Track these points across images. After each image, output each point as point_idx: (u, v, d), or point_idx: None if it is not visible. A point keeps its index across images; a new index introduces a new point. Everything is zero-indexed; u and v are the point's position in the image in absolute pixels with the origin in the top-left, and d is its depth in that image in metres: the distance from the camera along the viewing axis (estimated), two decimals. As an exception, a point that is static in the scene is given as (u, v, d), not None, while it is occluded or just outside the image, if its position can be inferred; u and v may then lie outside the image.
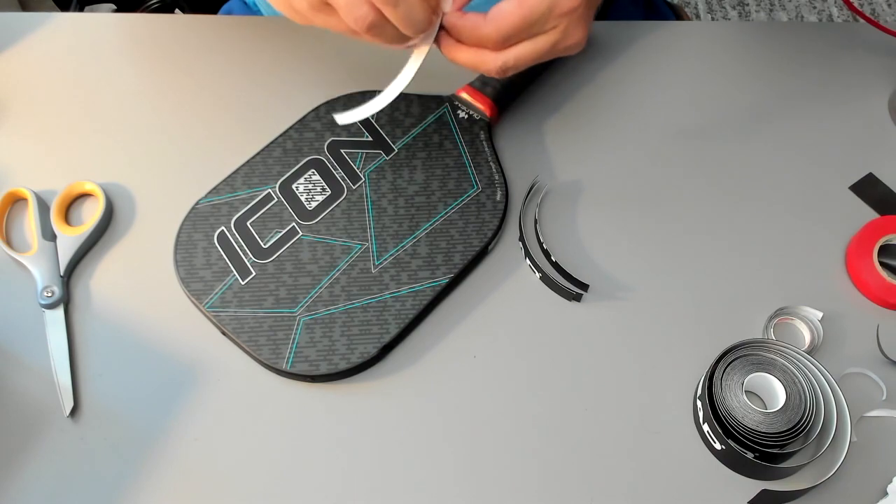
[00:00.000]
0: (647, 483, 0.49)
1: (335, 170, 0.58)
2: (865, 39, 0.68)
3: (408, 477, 0.49)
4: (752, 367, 0.50)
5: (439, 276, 0.54)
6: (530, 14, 0.48)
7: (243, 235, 0.56)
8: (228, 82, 0.65)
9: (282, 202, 0.57)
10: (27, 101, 0.63)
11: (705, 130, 0.63)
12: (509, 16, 0.47)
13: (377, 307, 0.53)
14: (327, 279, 0.54)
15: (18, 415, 0.51)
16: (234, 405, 0.51)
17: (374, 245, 0.55)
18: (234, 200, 0.57)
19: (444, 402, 0.52)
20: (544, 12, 0.48)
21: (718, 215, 0.59)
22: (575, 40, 0.50)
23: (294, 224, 0.56)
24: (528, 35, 0.49)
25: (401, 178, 0.58)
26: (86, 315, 0.54)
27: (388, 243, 0.55)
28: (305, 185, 0.58)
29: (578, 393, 0.52)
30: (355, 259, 0.55)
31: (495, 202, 0.57)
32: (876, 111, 0.65)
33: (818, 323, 0.54)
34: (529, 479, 0.49)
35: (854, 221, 0.59)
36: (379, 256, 0.55)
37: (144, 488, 0.48)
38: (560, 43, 0.50)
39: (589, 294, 0.56)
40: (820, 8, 1.77)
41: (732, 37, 0.69)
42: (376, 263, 0.55)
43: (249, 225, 0.56)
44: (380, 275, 0.54)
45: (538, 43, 0.50)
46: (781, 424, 0.48)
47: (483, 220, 0.56)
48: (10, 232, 0.58)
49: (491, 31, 0.48)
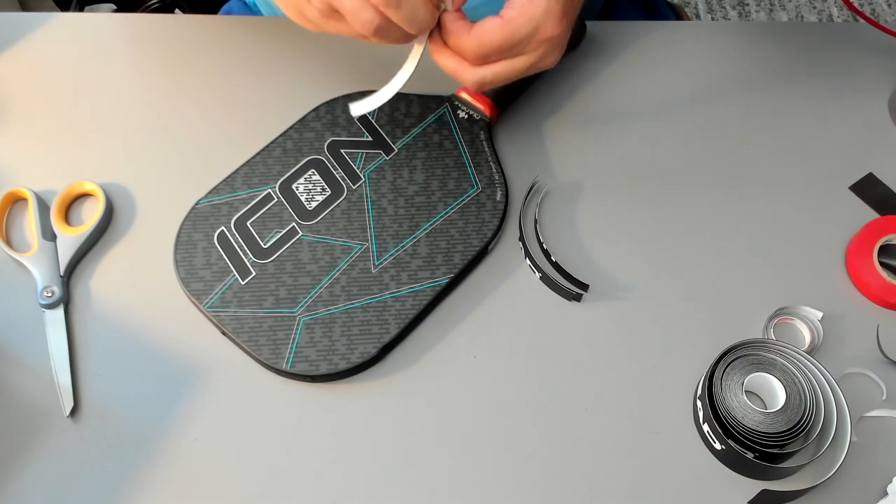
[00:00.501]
0: (647, 483, 0.49)
1: (335, 170, 0.58)
2: (865, 39, 0.68)
3: (408, 476, 0.49)
4: (752, 367, 0.50)
5: (439, 276, 0.54)
6: (512, 36, 0.48)
7: (243, 235, 0.56)
8: (228, 82, 0.65)
9: (282, 202, 0.57)
10: (27, 101, 0.63)
11: (705, 130, 0.63)
12: (492, 34, 0.48)
13: (377, 307, 0.53)
14: (327, 279, 0.54)
15: (18, 415, 0.51)
16: (233, 405, 0.51)
17: (374, 245, 0.55)
18: (234, 200, 0.57)
19: (443, 402, 0.52)
20: (527, 35, 0.48)
21: (718, 215, 0.59)
22: (550, 62, 0.51)
23: (294, 224, 0.56)
24: (508, 55, 0.49)
25: (401, 178, 0.58)
26: (86, 315, 0.54)
27: (388, 243, 0.55)
28: (305, 185, 0.58)
29: (578, 393, 0.52)
30: (355, 259, 0.55)
31: (495, 202, 0.57)
32: (876, 111, 0.65)
33: (818, 323, 0.54)
34: (529, 478, 0.49)
35: (854, 221, 0.59)
36: (379, 256, 0.55)
37: (144, 488, 0.48)
38: (537, 64, 0.50)
39: (589, 294, 0.56)
40: (820, 8, 1.77)
41: (732, 37, 0.69)
42: (376, 263, 0.55)
43: (249, 225, 0.56)
44: (380, 275, 0.54)
45: (516, 63, 0.50)
46: (781, 424, 0.48)
47: (483, 220, 0.56)
48: (10, 232, 0.58)
49: (473, 46, 0.48)
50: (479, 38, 0.48)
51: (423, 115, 0.61)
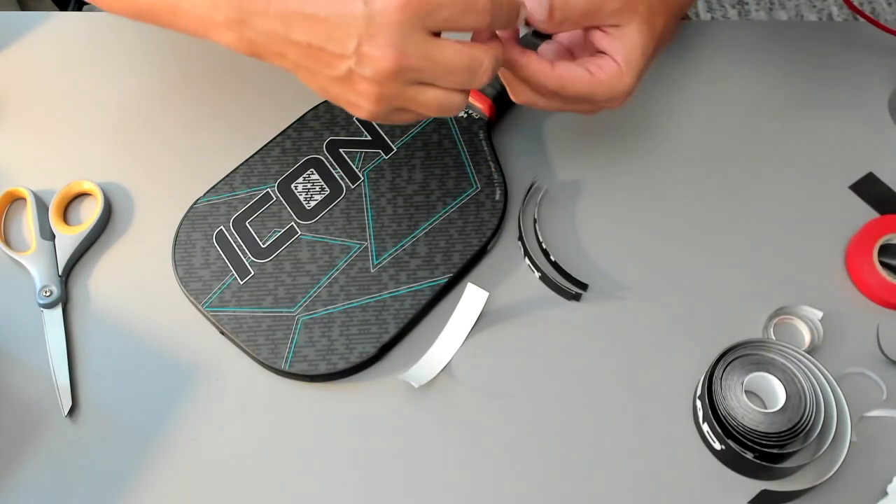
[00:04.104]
0: (647, 483, 0.49)
1: (334, 169, 0.58)
2: (865, 39, 0.68)
3: (407, 476, 0.49)
4: (752, 367, 0.50)
5: (438, 276, 0.54)
6: (591, 94, 0.47)
7: (242, 235, 0.55)
8: (228, 82, 0.64)
9: (280, 202, 0.57)
10: (25, 101, 0.63)
11: (705, 130, 0.63)
12: (576, 83, 0.47)
13: (376, 307, 0.53)
14: (326, 279, 0.54)
15: (17, 414, 0.51)
16: (232, 405, 0.51)
17: (373, 244, 0.55)
18: (232, 200, 0.57)
19: (442, 402, 0.52)
20: (602, 100, 0.48)
21: (718, 215, 0.59)
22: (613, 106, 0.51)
23: (293, 223, 0.56)
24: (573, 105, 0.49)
25: (400, 178, 0.58)
26: (84, 315, 0.54)
27: (386, 243, 0.55)
28: (304, 185, 0.57)
29: (578, 392, 0.52)
30: (354, 258, 0.55)
31: (494, 201, 0.57)
32: (876, 111, 0.64)
33: (818, 323, 0.54)
34: (529, 478, 0.49)
35: (854, 221, 0.59)
36: (378, 256, 0.55)
37: (142, 487, 0.48)
38: (587, 113, 0.51)
39: (588, 294, 0.55)
40: (820, 7, 1.77)
41: (732, 36, 0.69)
42: (375, 263, 0.54)
43: (248, 224, 0.56)
44: (378, 274, 0.54)
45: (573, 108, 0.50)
46: (781, 424, 0.48)
47: (482, 220, 0.56)
48: (8, 231, 0.58)
49: (552, 83, 0.47)
50: (561, 80, 0.47)
51: None
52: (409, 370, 0.51)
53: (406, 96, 0.42)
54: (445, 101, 0.42)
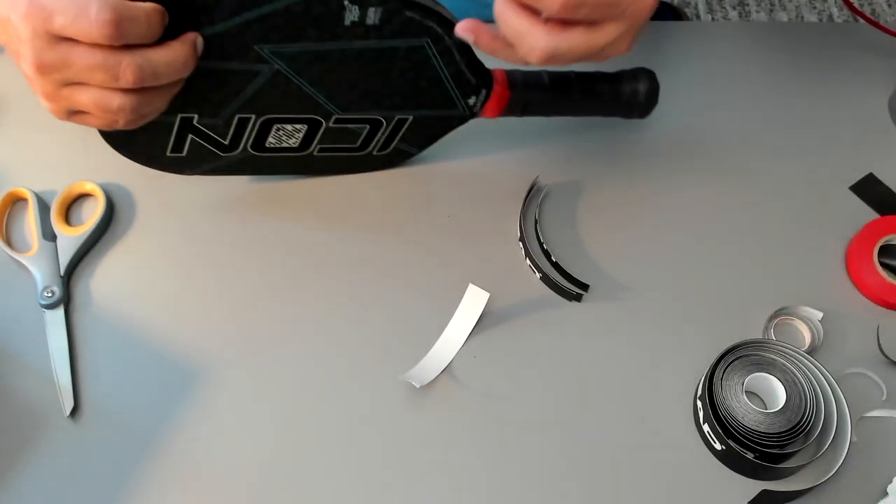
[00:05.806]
0: (648, 483, 0.49)
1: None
2: (865, 39, 0.68)
3: (407, 476, 0.49)
4: (753, 368, 0.50)
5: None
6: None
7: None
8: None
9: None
10: (26, 101, 0.63)
11: (705, 130, 0.63)
12: None
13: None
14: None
15: (18, 415, 0.51)
16: (233, 405, 0.51)
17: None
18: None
19: (443, 403, 0.52)
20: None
21: (718, 215, 0.59)
22: (624, 47, 0.46)
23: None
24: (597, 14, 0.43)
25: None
26: (86, 315, 0.54)
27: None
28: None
29: (578, 393, 0.52)
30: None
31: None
32: (876, 111, 0.65)
33: (818, 323, 0.54)
34: (529, 478, 0.49)
35: (854, 221, 0.59)
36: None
37: (144, 488, 0.48)
38: (616, 43, 0.45)
39: (589, 294, 0.56)
40: (820, 8, 1.77)
41: (732, 37, 0.69)
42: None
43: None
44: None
45: (597, 36, 0.44)
46: (781, 424, 0.48)
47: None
48: (10, 232, 0.58)
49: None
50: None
51: None
52: (410, 370, 0.51)
53: (63, 96, 0.43)
54: (102, 100, 0.43)
